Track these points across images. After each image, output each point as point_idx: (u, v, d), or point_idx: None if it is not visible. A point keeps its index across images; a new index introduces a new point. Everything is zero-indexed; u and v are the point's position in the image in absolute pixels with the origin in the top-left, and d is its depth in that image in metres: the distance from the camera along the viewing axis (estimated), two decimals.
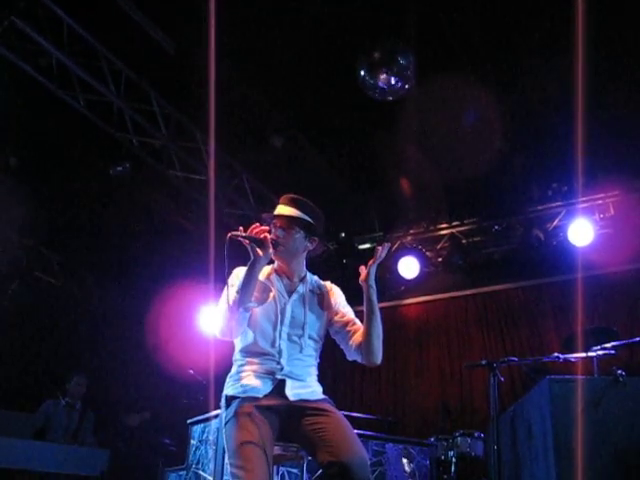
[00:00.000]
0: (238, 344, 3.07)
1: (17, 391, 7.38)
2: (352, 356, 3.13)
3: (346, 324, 3.16)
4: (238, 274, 3.05)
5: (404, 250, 8.11)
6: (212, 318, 2.82)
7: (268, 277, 3.13)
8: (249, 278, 2.93)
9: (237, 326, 2.93)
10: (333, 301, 3.21)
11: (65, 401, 6.85)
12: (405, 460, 5.20)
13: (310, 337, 3.09)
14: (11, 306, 8.73)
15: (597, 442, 3.48)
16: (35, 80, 6.04)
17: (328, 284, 3.27)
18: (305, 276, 3.19)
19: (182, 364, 6.86)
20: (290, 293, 3.10)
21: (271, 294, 3.07)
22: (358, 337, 3.09)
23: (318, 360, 3.16)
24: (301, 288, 3.12)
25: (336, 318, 3.17)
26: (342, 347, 3.17)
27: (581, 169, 6.36)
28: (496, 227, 7.85)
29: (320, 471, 2.84)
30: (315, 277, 3.24)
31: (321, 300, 3.18)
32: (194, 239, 7.58)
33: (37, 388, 7.80)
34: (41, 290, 9.02)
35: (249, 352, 3.02)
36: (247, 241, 2.90)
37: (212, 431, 4.59)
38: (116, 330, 8.88)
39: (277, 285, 3.11)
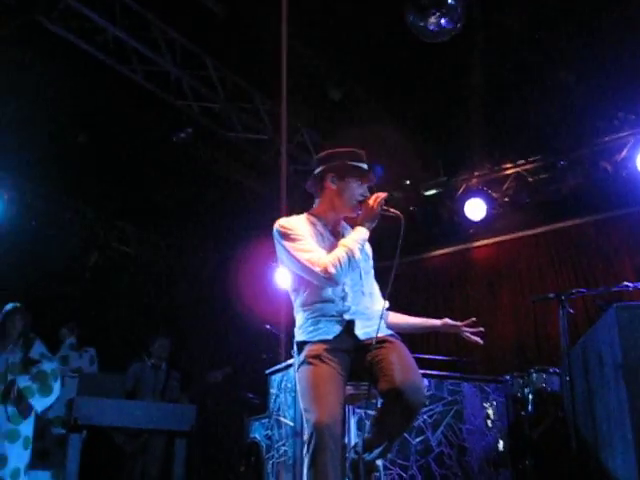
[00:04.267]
0: (301, 295, 3.15)
1: (107, 356, 7.75)
2: None
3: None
4: (298, 226, 3.16)
5: (470, 192, 8.06)
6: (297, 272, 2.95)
7: (315, 225, 3.23)
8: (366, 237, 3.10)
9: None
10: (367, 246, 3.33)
11: (151, 363, 7.17)
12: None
13: (366, 278, 3.23)
14: (92, 277, 9.15)
15: None
16: (94, 57, 6.24)
17: None
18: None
19: (260, 320, 7.06)
20: None
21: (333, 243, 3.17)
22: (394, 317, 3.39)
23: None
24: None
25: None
26: None
27: None
28: (562, 162, 7.68)
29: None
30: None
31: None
32: (261, 197, 7.74)
33: (125, 352, 8.19)
34: (118, 260, 9.40)
35: (315, 300, 3.11)
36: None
37: (290, 379, 4.76)
38: (193, 292, 9.18)
39: (330, 234, 3.23)
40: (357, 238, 3.06)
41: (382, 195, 3.12)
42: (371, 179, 3.27)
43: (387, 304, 3.26)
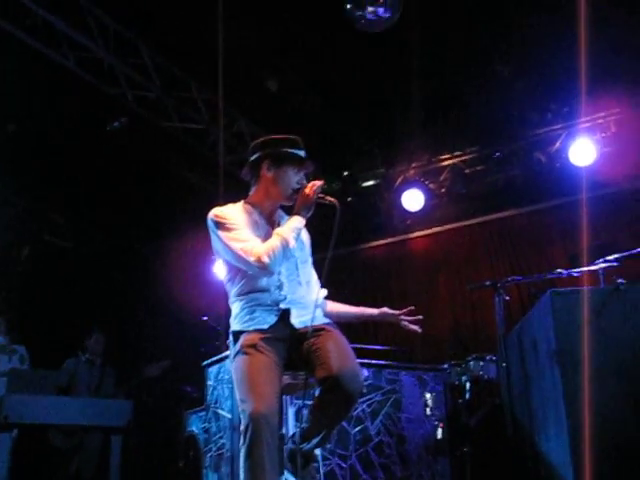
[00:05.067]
0: (237, 284, 3.11)
1: (39, 351, 7.53)
2: None
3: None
4: (233, 215, 3.11)
5: (407, 184, 8.12)
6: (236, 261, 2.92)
7: (251, 213, 3.19)
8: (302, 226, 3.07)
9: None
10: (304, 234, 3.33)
11: (85, 358, 7.03)
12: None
13: (302, 267, 3.21)
14: (25, 271, 8.87)
15: (600, 352, 3.54)
16: (23, 42, 6.01)
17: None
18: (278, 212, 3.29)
19: (198, 312, 6.97)
20: None
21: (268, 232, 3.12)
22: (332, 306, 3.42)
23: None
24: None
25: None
26: None
27: (581, 89, 6.31)
28: (497, 154, 7.82)
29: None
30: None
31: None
32: (198, 188, 7.63)
33: (58, 348, 7.97)
34: (52, 253, 9.13)
35: (251, 289, 3.07)
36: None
37: (227, 371, 4.71)
38: (129, 286, 9.01)
39: (266, 222, 3.20)
40: (292, 227, 3.02)
41: (318, 183, 3.10)
42: (308, 167, 3.23)
43: (325, 292, 3.24)
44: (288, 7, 5.98)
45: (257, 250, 2.93)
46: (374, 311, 3.46)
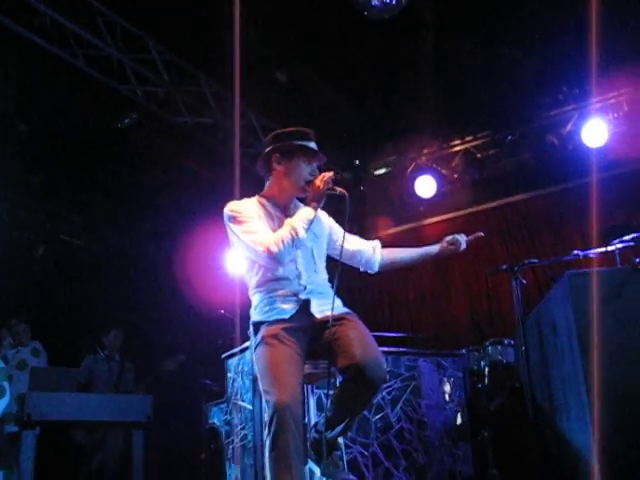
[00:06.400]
0: (256, 275, 3.15)
1: (59, 349, 7.59)
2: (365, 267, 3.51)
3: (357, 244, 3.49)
4: (246, 208, 3.15)
5: (419, 170, 8.10)
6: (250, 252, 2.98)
7: (266, 206, 3.23)
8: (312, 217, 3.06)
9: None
10: (324, 220, 3.40)
11: (104, 354, 7.08)
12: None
13: (319, 257, 3.24)
14: (41, 271, 8.92)
15: (620, 331, 3.52)
16: (33, 42, 6.03)
17: None
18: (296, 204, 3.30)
19: (213, 306, 6.99)
20: None
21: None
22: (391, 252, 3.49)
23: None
24: None
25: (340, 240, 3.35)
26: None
27: (592, 69, 6.27)
28: (509, 138, 7.78)
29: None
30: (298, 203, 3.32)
31: (316, 221, 3.23)
32: (210, 181, 7.65)
33: (77, 345, 8.04)
34: (67, 252, 9.19)
35: (270, 280, 3.10)
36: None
37: (247, 362, 4.72)
38: (144, 282, 9.05)
39: (282, 214, 3.21)
40: (302, 217, 3.03)
41: (328, 174, 3.11)
42: (320, 159, 3.24)
43: (378, 243, 3.47)
44: None
45: (267, 240, 2.98)
46: (435, 248, 3.51)
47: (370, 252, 3.49)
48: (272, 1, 6.04)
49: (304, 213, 3.05)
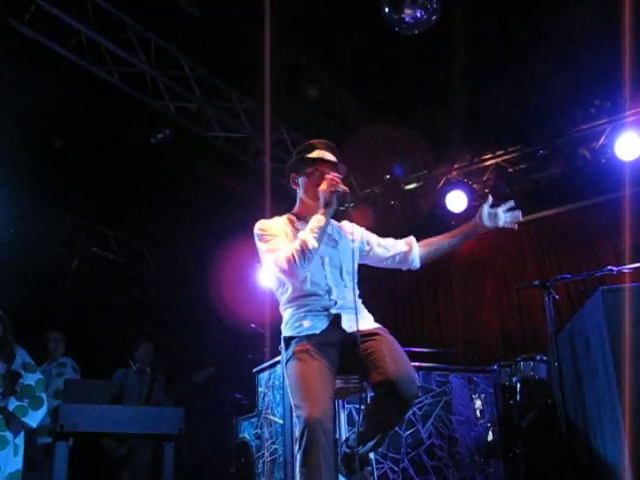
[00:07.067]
0: (286, 291, 3.15)
1: (90, 363, 7.67)
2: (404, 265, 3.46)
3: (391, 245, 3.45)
4: (274, 226, 3.17)
5: (450, 185, 8.07)
6: (272, 268, 2.99)
7: (294, 223, 3.24)
8: (327, 225, 3.04)
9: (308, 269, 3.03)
10: (355, 231, 3.37)
11: (136, 367, 7.13)
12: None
13: (348, 272, 3.19)
14: (74, 283, 9.05)
15: None
16: (69, 60, 6.16)
17: (335, 222, 3.36)
18: None
19: (244, 320, 7.02)
20: None
21: None
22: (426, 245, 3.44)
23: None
24: (328, 229, 3.15)
25: (374, 246, 3.38)
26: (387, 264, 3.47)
27: (625, 82, 6.22)
28: (541, 152, 7.72)
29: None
30: None
31: (344, 235, 3.28)
32: (241, 196, 7.71)
33: (109, 358, 8.11)
34: (100, 265, 9.30)
35: (300, 295, 3.10)
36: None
37: (277, 376, 4.73)
38: (176, 294, 9.13)
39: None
40: (312, 227, 3.02)
41: (329, 177, 3.09)
42: (341, 170, 3.22)
43: (413, 238, 3.45)
44: (326, 12, 6.01)
45: (281, 257, 2.99)
46: (468, 228, 3.43)
47: (405, 249, 3.44)
48: (303, 17, 6.09)
49: (313, 222, 3.04)
